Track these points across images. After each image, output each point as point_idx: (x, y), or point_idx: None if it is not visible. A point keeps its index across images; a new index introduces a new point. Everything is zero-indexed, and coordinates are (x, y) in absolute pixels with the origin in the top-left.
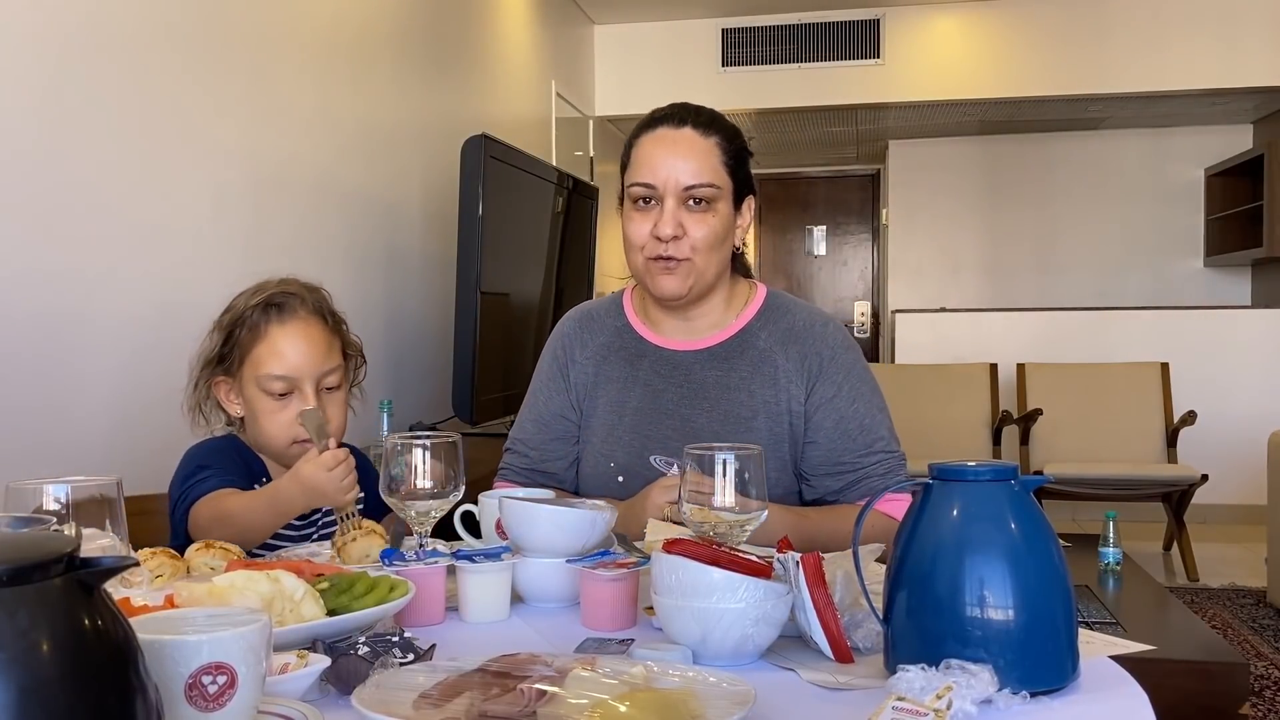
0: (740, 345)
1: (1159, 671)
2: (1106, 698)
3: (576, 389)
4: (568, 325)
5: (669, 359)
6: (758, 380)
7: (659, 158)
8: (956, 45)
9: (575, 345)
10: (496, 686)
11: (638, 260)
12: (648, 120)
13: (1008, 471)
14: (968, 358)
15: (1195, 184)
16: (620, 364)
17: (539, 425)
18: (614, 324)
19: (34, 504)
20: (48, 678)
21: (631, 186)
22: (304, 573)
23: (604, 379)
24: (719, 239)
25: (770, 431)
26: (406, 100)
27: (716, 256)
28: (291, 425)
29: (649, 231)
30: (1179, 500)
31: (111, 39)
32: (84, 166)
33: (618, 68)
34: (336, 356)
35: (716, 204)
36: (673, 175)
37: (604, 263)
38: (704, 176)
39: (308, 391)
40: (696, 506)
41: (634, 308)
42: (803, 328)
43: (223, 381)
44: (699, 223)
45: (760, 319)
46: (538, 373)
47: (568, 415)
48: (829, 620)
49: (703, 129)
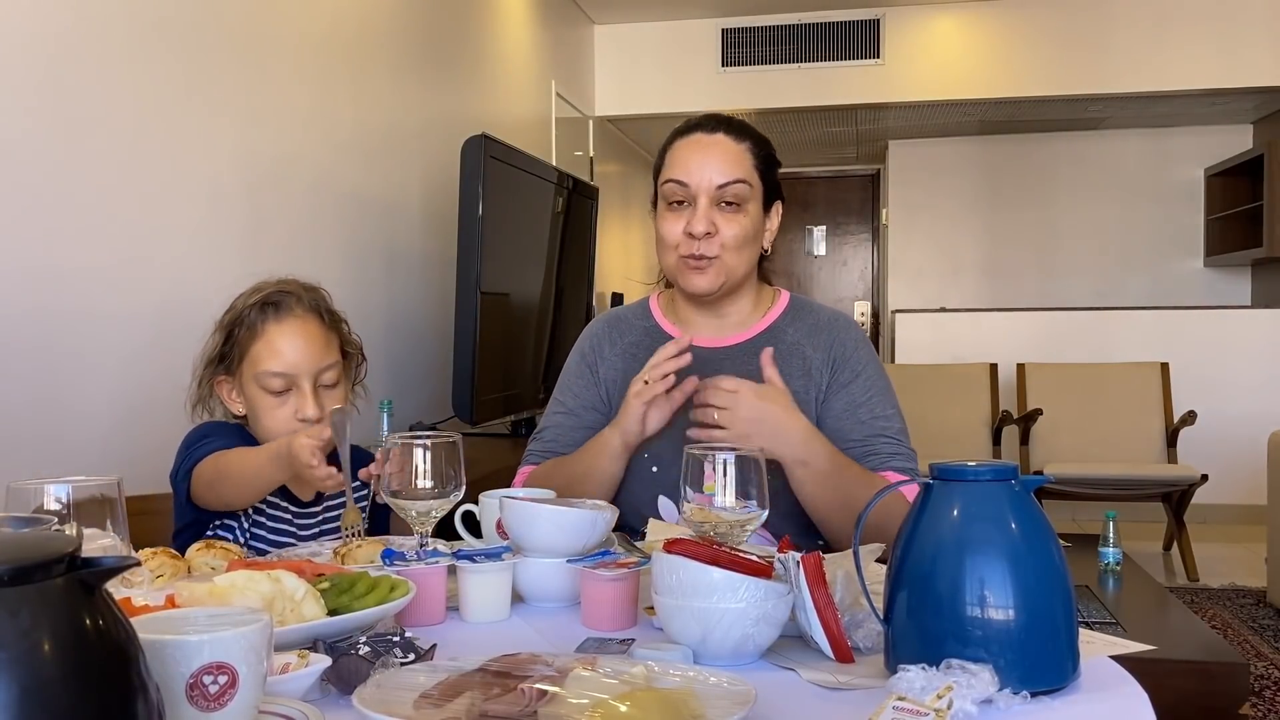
0: (769, 340)
1: (1159, 671)
2: (1107, 698)
3: (606, 384)
4: (596, 327)
5: (699, 355)
6: (789, 373)
7: (694, 159)
8: (956, 45)
9: (604, 343)
10: (497, 686)
11: (670, 259)
12: (682, 127)
13: (1008, 471)
14: (968, 358)
15: (1195, 184)
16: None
17: (568, 415)
18: (642, 325)
19: (35, 504)
20: (49, 677)
21: (666, 184)
22: (305, 572)
23: (633, 376)
24: (749, 237)
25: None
26: (406, 100)
27: (746, 254)
28: (290, 422)
29: (682, 230)
30: (1179, 500)
31: (109, 39)
32: (82, 167)
33: (618, 68)
34: (334, 353)
35: (747, 204)
36: (706, 175)
37: (604, 263)
38: (736, 175)
39: (305, 388)
40: (696, 507)
41: (662, 309)
42: (828, 322)
43: (224, 380)
44: (730, 222)
45: (787, 316)
46: (565, 371)
47: (597, 408)
48: (829, 620)
49: (735, 135)
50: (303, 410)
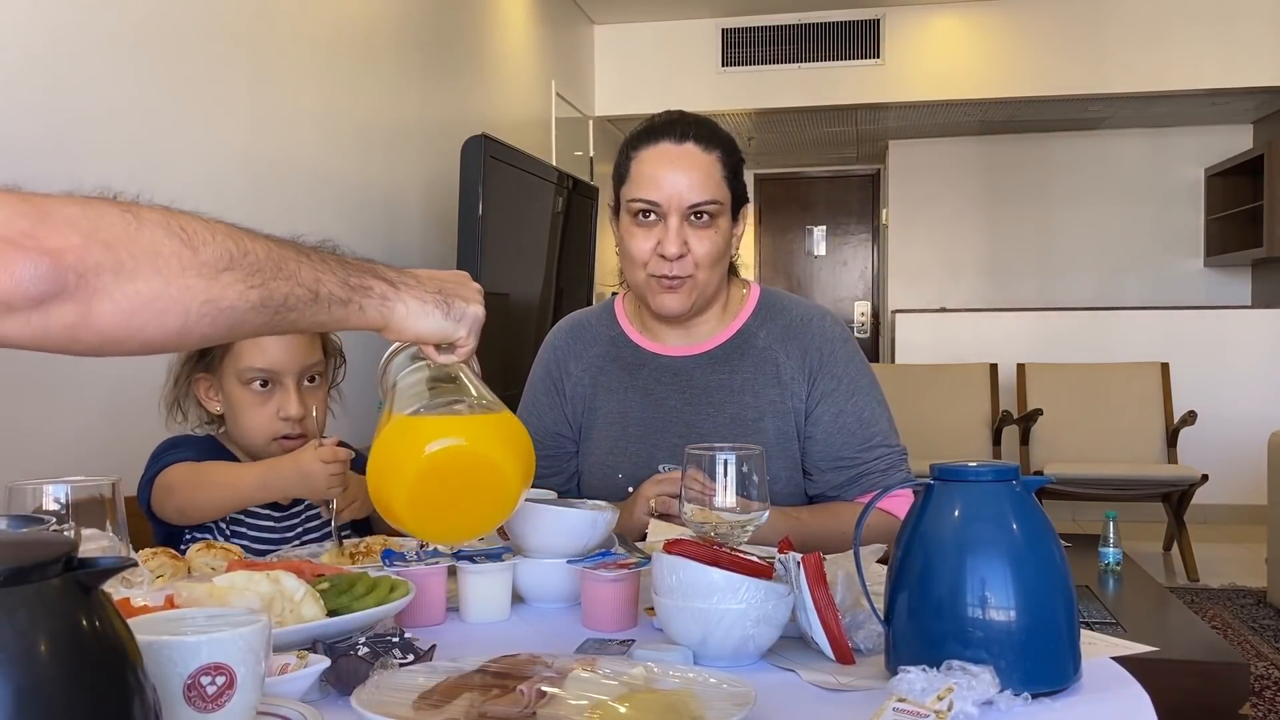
0: (740, 346)
1: (1159, 672)
2: (1108, 699)
3: (572, 401)
4: (558, 338)
5: (669, 366)
6: (761, 381)
7: (662, 175)
8: (956, 45)
9: (568, 357)
10: (496, 687)
11: (639, 276)
12: (646, 131)
13: (1009, 472)
14: (968, 358)
15: (1195, 184)
16: (618, 373)
17: (535, 444)
18: (608, 333)
19: (33, 504)
20: (46, 678)
21: (632, 202)
22: (304, 573)
23: (602, 389)
24: (721, 254)
25: (778, 431)
26: (407, 100)
27: (718, 271)
28: (273, 420)
29: (651, 248)
30: (1179, 500)
31: (112, 38)
32: (84, 164)
33: (618, 68)
34: (318, 352)
35: (719, 219)
36: (676, 193)
37: (604, 263)
38: (708, 193)
39: (289, 385)
40: (697, 507)
41: (628, 316)
42: (800, 323)
43: (203, 378)
44: (702, 239)
45: (757, 318)
46: (529, 388)
47: (563, 431)
48: (830, 621)
49: (704, 144)
50: (286, 408)
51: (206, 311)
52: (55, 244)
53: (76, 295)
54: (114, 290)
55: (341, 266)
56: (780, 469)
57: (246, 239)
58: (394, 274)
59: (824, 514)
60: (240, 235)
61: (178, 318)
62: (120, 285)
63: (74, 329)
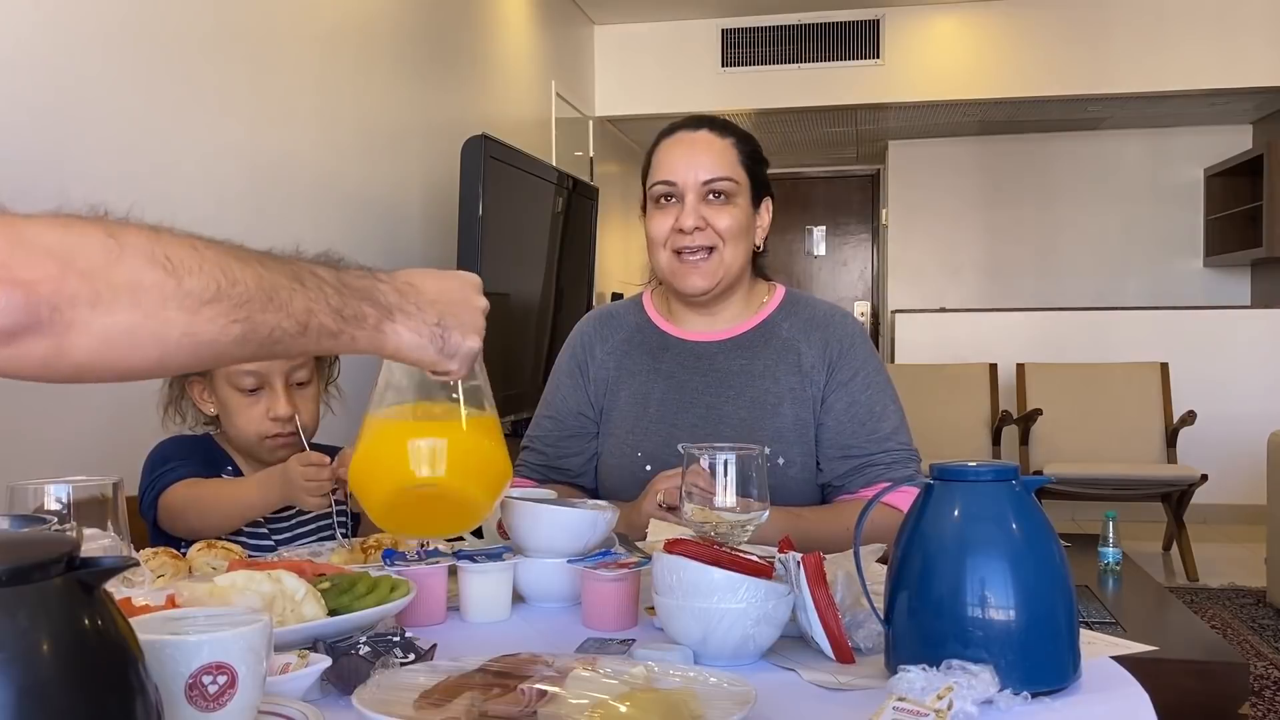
0: (763, 335)
1: (1159, 671)
2: (1108, 698)
3: (595, 384)
4: (587, 325)
5: (692, 349)
6: (782, 367)
7: (678, 157)
8: (956, 45)
9: (595, 341)
10: (497, 686)
11: (662, 258)
12: (666, 129)
13: (1008, 472)
14: (968, 358)
15: (1195, 184)
16: (642, 357)
17: (555, 422)
18: (634, 320)
19: (35, 504)
20: (47, 678)
21: (653, 186)
22: (305, 572)
23: (625, 372)
24: (741, 229)
25: (796, 418)
26: (407, 100)
27: (741, 247)
28: (263, 420)
29: (670, 226)
30: (1179, 500)
31: (112, 38)
32: (84, 164)
33: (618, 68)
34: None
35: (735, 198)
36: (691, 171)
37: (604, 263)
38: (722, 170)
39: (277, 386)
40: (697, 507)
41: (654, 305)
42: (824, 318)
43: (196, 380)
44: (720, 214)
45: (781, 311)
46: (555, 371)
47: (585, 412)
48: (830, 620)
49: (719, 131)
50: (274, 409)
51: (186, 344)
52: (29, 275)
53: (51, 329)
54: (90, 323)
55: (337, 293)
56: (797, 455)
57: (237, 266)
58: (394, 296)
59: (827, 513)
60: (231, 261)
61: (155, 350)
62: (97, 318)
63: (48, 361)
